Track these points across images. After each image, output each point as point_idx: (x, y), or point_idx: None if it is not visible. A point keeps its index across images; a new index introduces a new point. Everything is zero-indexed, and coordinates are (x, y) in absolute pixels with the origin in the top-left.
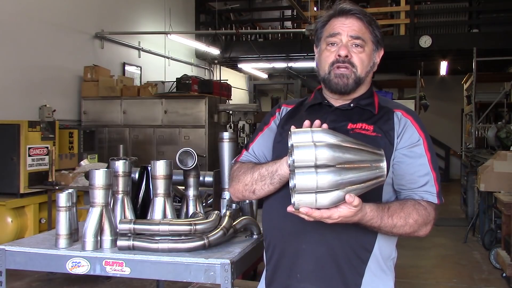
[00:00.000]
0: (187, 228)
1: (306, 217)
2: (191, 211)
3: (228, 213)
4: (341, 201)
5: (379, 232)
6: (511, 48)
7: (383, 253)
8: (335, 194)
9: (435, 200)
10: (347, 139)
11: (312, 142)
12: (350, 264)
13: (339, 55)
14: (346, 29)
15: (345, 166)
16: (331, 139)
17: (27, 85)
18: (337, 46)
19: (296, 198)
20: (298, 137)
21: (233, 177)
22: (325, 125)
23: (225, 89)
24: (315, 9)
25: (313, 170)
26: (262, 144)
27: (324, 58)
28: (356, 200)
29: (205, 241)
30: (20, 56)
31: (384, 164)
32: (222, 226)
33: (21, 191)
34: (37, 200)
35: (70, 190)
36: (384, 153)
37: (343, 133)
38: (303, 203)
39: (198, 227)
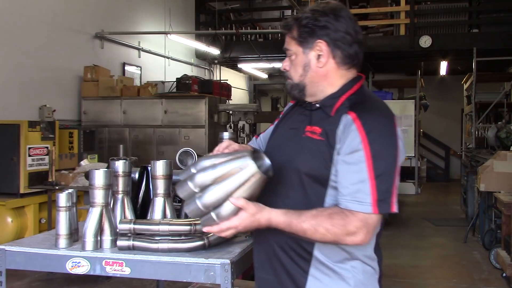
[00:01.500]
0: (187, 228)
1: (218, 234)
2: None
3: None
4: (236, 209)
5: (299, 237)
6: (511, 48)
7: (328, 255)
8: (226, 205)
9: (366, 209)
10: (216, 158)
11: (188, 176)
12: (293, 261)
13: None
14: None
15: (219, 180)
16: (202, 167)
17: (27, 85)
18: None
19: (201, 221)
20: (182, 176)
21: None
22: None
23: (225, 89)
24: None
25: (194, 196)
26: (266, 135)
27: None
28: (240, 201)
29: (205, 241)
30: (20, 56)
31: (247, 161)
32: None
33: (21, 191)
34: (37, 200)
35: (70, 190)
36: (326, 157)
37: (299, 136)
38: (207, 223)
39: (198, 227)
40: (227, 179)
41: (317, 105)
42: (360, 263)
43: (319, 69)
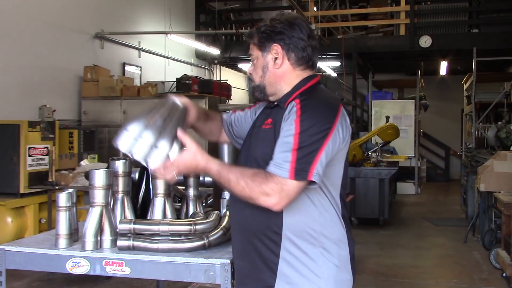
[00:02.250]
0: (187, 228)
1: (165, 177)
2: (191, 211)
3: (228, 213)
4: (173, 147)
5: (225, 187)
6: (511, 48)
7: (296, 232)
8: (163, 142)
9: (281, 173)
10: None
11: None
12: (265, 245)
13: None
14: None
15: (152, 124)
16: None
17: (27, 85)
18: None
19: (149, 163)
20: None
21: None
22: None
23: (225, 89)
24: (315, 9)
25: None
26: (240, 116)
27: None
28: (186, 137)
29: (205, 241)
30: (20, 56)
31: (170, 98)
32: (222, 226)
33: (21, 191)
34: (37, 200)
35: (70, 190)
36: (273, 142)
37: (258, 131)
38: (154, 162)
39: (198, 227)
40: (160, 121)
41: (275, 103)
42: (330, 244)
43: (276, 70)
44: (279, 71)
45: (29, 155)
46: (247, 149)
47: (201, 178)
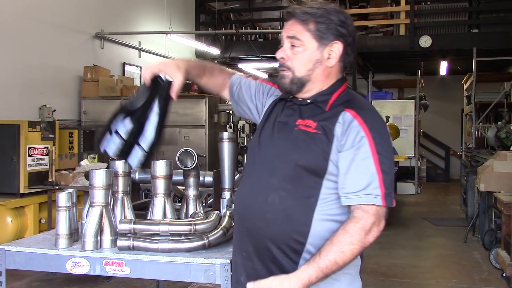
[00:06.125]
0: (187, 228)
1: None
2: (191, 211)
3: (228, 213)
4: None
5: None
6: (511, 48)
7: (320, 241)
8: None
9: (377, 202)
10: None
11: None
12: (284, 253)
13: (277, 58)
14: (285, 31)
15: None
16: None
17: (27, 85)
18: (279, 49)
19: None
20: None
21: None
22: None
23: None
24: None
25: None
26: (249, 84)
27: None
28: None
29: (205, 241)
30: (20, 56)
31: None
32: (222, 226)
33: (21, 191)
34: (37, 200)
35: (70, 190)
36: (324, 150)
37: (290, 129)
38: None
39: (198, 227)
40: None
41: (308, 100)
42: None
43: (328, 68)
44: (329, 70)
45: (29, 155)
46: (269, 144)
47: (201, 178)
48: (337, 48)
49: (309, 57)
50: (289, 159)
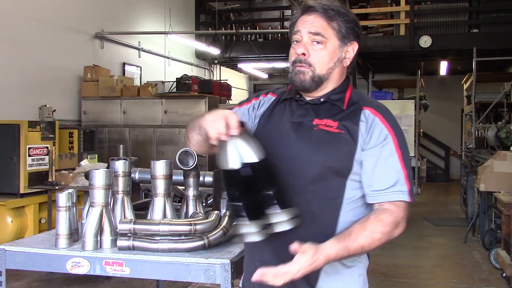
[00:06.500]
0: (187, 228)
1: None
2: (191, 211)
3: (228, 213)
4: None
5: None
6: (511, 48)
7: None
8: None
9: (406, 198)
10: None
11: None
12: None
13: (297, 54)
14: (306, 26)
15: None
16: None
17: (27, 85)
18: (298, 44)
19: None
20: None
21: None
22: None
23: (225, 89)
24: None
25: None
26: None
27: (289, 56)
28: (300, 248)
29: (205, 241)
30: (20, 56)
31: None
32: (222, 226)
33: (21, 191)
34: (37, 200)
35: (70, 190)
36: (349, 149)
37: (308, 129)
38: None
39: (198, 227)
40: None
41: (321, 99)
42: (363, 255)
43: (343, 68)
44: (343, 70)
45: (29, 155)
46: (289, 147)
47: (201, 178)
48: (354, 48)
49: (332, 55)
50: (314, 161)
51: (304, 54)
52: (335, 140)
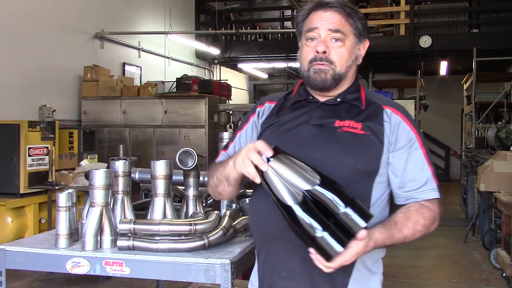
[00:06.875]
0: (187, 228)
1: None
2: (191, 211)
3: (228, 213)
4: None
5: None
6: (511, 48)
7: (370, 253)
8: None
9: (437, 195)
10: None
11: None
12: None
13: (317, 51)
14: (324, 23)
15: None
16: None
17: (27, 85)
18: (316, 41)
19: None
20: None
21: (208, 177)
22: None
23: (225, 89)
24: None
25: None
26: (243, 142)
27: (304, 54)
28: (363, 232)
29: (205, 241)
30: (20, 56)
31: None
32: (222, 226)
33: (21, 191)
34: (37, 200)
35: (70, 190)
36: (377, 151)
37: (331, 131)
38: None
39: (198, 227)
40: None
41: (338, 99)
42: (381, 260)
43: (356, 66)
44: (356, 68)
45: (29, 155)
46: (313, 151)
47: (201, 178)
48: (365, 46)
49: (350, 53)
50: (344, 164)
51: (325, 52)
52: (363, 142)
